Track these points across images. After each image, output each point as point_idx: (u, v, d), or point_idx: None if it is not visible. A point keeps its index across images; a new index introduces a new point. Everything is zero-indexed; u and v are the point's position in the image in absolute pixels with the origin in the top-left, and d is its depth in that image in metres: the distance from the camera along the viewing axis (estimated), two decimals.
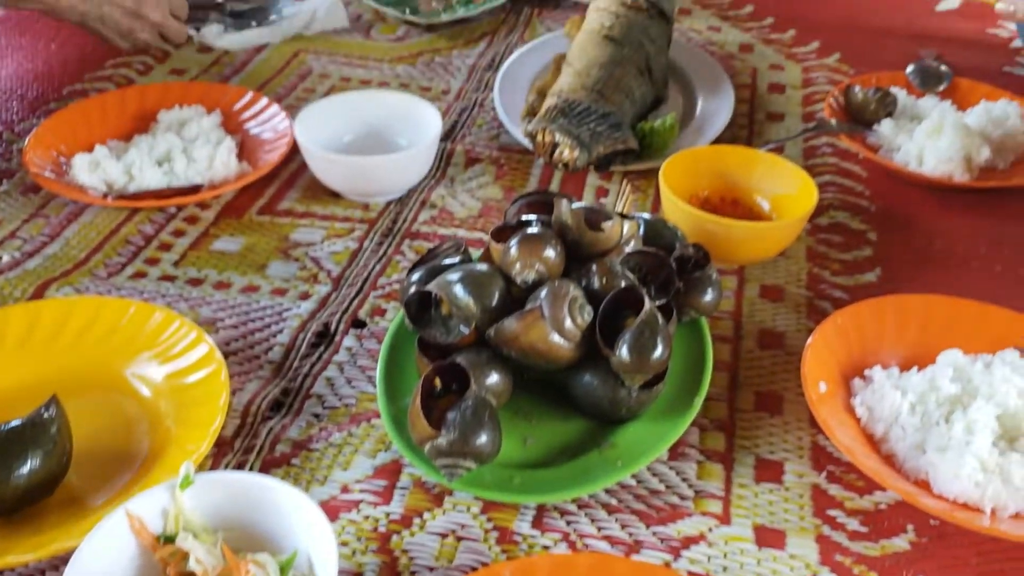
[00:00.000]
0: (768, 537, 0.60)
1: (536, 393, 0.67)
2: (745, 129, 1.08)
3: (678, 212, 0.81)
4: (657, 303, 0.64)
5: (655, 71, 1.05)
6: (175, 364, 0.68)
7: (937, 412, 0.64)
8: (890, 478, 0.60)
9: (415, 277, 0.68)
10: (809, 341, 0.68)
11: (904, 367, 0.69)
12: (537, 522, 0.60)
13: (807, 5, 1.40)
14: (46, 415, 0.58)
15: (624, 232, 0.68)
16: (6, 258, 0.82)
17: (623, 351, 0.60)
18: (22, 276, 0.81)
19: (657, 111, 1.05)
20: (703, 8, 1.39)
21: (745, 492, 0.63)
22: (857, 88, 1.04)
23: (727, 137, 1.05)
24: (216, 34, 1.20)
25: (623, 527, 0.60)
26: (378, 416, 0.67)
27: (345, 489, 0.62)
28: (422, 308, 0.65)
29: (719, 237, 0.80)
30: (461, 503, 0.61)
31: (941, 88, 1.08)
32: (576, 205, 0.68)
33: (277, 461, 0.64)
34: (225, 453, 0.64)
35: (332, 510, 0.61)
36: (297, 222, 0.89)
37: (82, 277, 0.80)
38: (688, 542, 0.60)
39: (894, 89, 1.05)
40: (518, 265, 0.64)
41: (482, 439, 0.56)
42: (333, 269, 0.82)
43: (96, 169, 0.88)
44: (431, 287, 0.63)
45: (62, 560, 0.51)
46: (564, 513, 0.61)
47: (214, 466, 0.64)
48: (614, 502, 0.62)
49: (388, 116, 0.96)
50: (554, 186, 0.96)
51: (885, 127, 1.00)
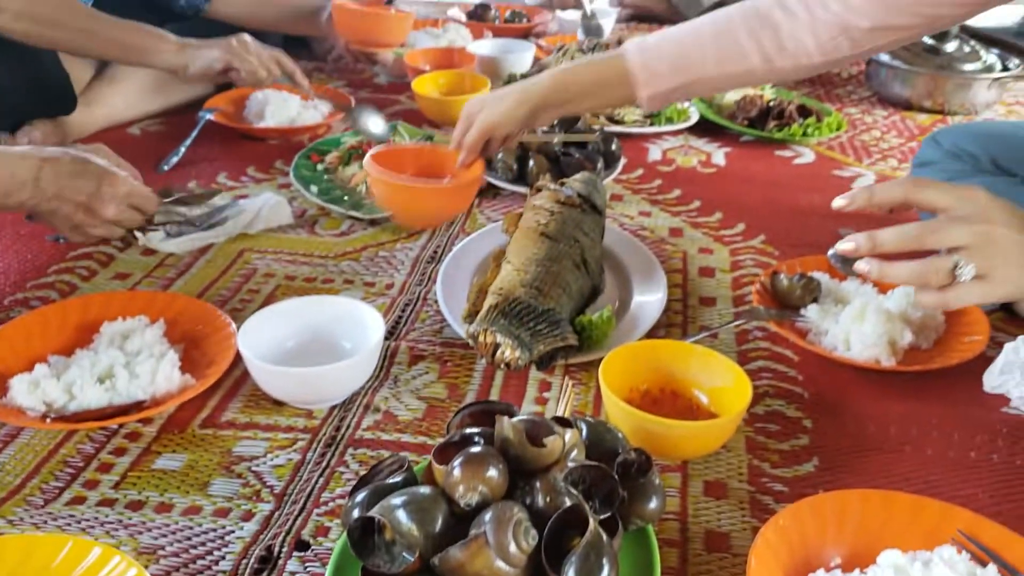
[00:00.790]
0: None
1: None
2: (680, 315, 1.11)
3: (619, 412, 0.83)
4: (601, 517, 0.64)
5: (591, 263, 1.09)
6: None
7: None
8: None
9: (358, 499, 0.67)
10: (753, 545, 0.69)
11: (846, 567, 0.70)
12: None
13: (731, 188, 1.48)
14: None
15: (566, 443, 0.69)
16: None
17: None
18: None
19: (595, 302, 1.08)
20: (634, 193, 1.46)
21: None
22: (783, 275, 1.09)
23: (663, 323, 1.08)
24: (160, 238, 1.22)
25: None
26: None
27: None
28: (365, 533, 0.64)
29: (660, 436, 0.82)
30: None
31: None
32: (518, 419, 0.69)
33: None
34: None
35: None
36: (240, 434, 0.88)
37: (16, 507, 0.79)
38: None
39: (817, 274, 1.11)
40: (461, 488, 0.64)
41: None
42: (276, 484, 0.82)
43: (35, 390, 0.87)
44: (374, 512, 0.63)
45: None
46: None
47: None
48: None
49: (331, 320, 0.98)
50: (497, 382, 0.97)
51: (812, 312, 1.05)
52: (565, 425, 0.71)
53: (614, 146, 1.47)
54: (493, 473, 0.65)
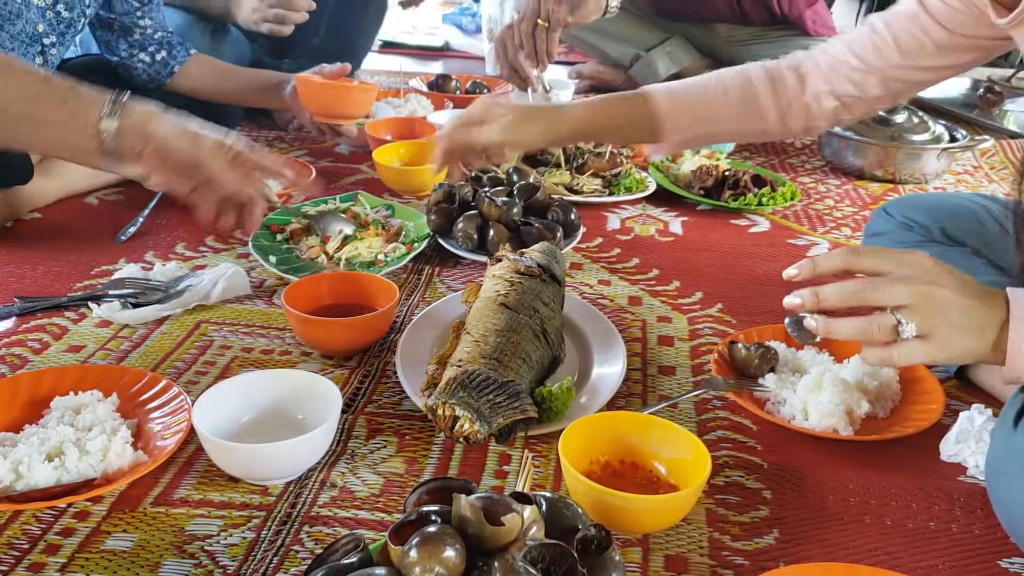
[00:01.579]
0: None
1: None
2: (639, 384, 1.12)
3: (579, 486, 0.83)
4: None
5: (550, 333, 1.09)
6: None
7: None
8: None
9: None
10: None
11: None
12: None
13: (689, 257, 1.50)
14: None
15: (525, 521, 0.68)
16: None
17: None
18: None
19: (555, 372, 1.08)
20: (593, 262, 1.47)
21: None
22: (740, 344, 1.10)
23: (623, 392, 1.09)
24: (115, 309, 1.20)
25: None
26: None
27: None
28: None
29: (621, 510, 0.81)
30: None
31: (817, 340, 1.14)
32: (475, 496, 0.68)
33: None
34: None
35: None
36: (193, 512, 0.86)
37: None
38: None
39: (774, 343, 1.12)
40: (417, 569, 0.63)
41: None
42: (229, 565, 0.80)
43: None
44: None
45: None
46: None
47: None
48: None
49: (287, 394, 0.97)
50: (457, 456, 0.96)
51: (769, 381, 1.05)
52: (524, 501, 0.71)
53: (573, 215, 1.48)
54: (450, 553, 0.64)
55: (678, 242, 1.56)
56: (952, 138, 1.94)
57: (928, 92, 2.49)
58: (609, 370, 1.09)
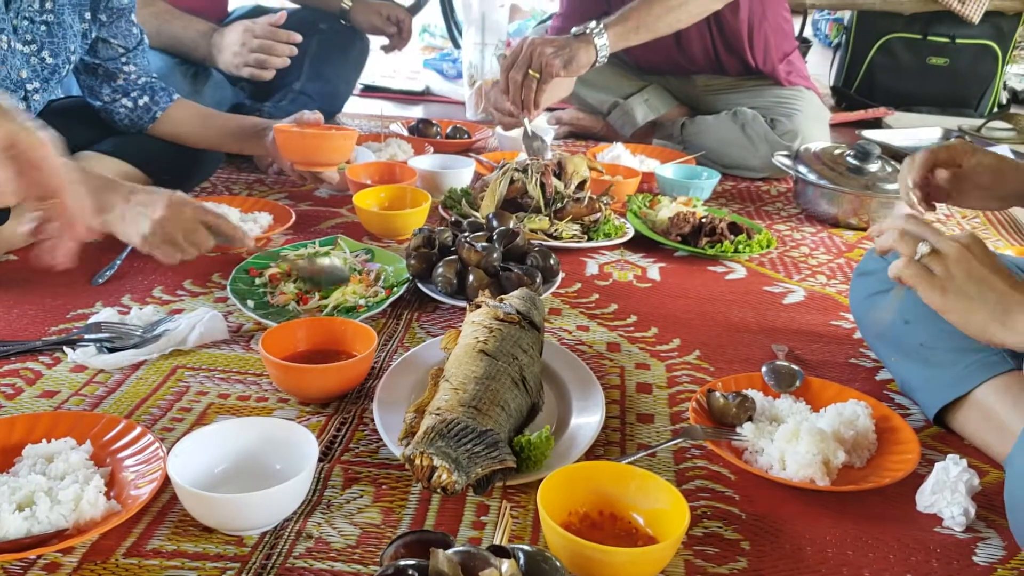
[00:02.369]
0: None
1: None
2: (618, 432, 1.12)
3: (557, 538, 0.82)
4: None
5: (529, 380, 1.09)
6: None
7: None
8: None
9: None
10: None
11: None
12: None
13: (667, 303, 1.51)
14: None
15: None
16: None
17: None
18: None
19: (534, 420, 1.08)
20: (572, 308, 1.47)
21: None
22: (718, 393, 1.10)
23: (602, 440, 1.09)
24: (91, 354, 1.19)
25: None
26: None
27: None
28: None
29: (599, 563, 0.81)
30: None
31: (794, 388, 1.16)
32: (453, 550, 0.68)
33: None
34: None
35: None
36: (166, 563, 0.85)
37: None
38: None
39: (751, 391, 1.12)
40: None
41: None
42: None
43: None
44: None
45: None
46: None
47: None
48: None
49: (263, 442, 0.96)
50: (434, 506, 0.96)
51: (747, 430, 1.06)
52: (502, 555, 0.70)
53: (552, 261, 1.49)
54: None
55: (656, 288, 1.57)
56: None
57: (901, 141, 2.54)
58: (588, 420, 1.08)
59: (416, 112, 2.97)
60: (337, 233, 1.67)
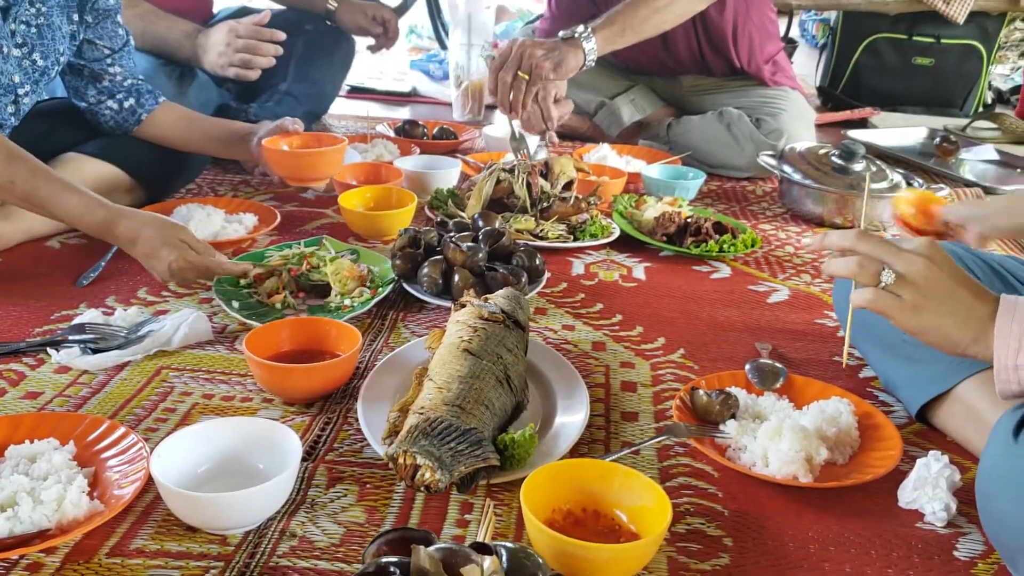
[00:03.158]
0: None
1: None
2: (602, 430, 1.12)
3: (540, 535, 0.83)
4: None
5: (514, 379, 1.09)
6: None
7: None
8: None
9: None
10: None
11: None
12: None
13: (651, 302, 1.51)
14: None
15: (485, 572, 0.68)
16: None
17: None
18: None
19: (518, 418, 1.08)
20: (557, 307, 1.48)
21: None
22: (701, 391, 1.11)
23: (586, 439, 1.09)
24: (75, 355, 1.19)
25: None
26: None
27: None
28: None
29: (582, 559, 0.81)
30: None
31: (777, 386, 1.16)
32: (435, 547, 0.68)
33: None
34: None
35: None
36: (149, 563, 0.85)
37: None
38: None
39: (735, 389, 1.13)
40: None
41: None
42: None
43: None
44: None
45: None
46: None
47: None
48: None
49: (247, 442, 0.96)
50: (418, 505, 0.96)
51: (730, 428, 1.06)
52: (485, 552, 0.70)
53: (538, 261, 1.49)
54: None
55: (641, 288, 1.58)
56: (909, 186, 1.98)
57: (886, 141, 2.55)
58: (572, 418, 1.09)
59: (403, 113, 2.97)
60: (322, 234, 1.67)
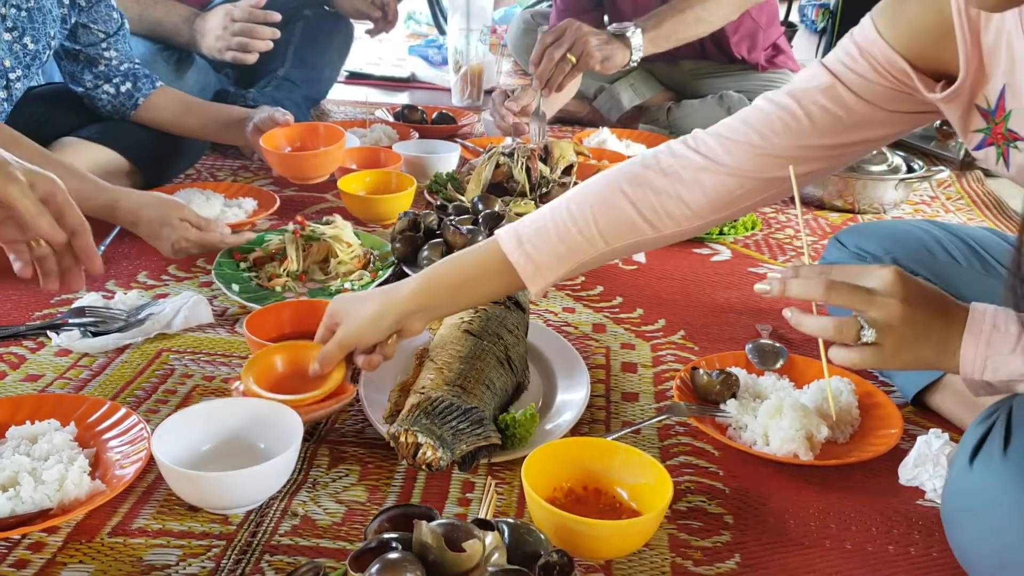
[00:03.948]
0: None
1: None
2: (603, 410, 1.12)
3: (542, 512, 0.83)
4: None
5: (514, 360, 1.09)
6: None
7: None
8: None
9: None
10: None
11: None
12: None
13: (652, 285, 1.51)
14: None
15: (487, 547, 0.68)
16: None
17: None
18: None
19: (519, 399, 1.09)
20: (558, 290, 1.48)
21: None
22: (702, 371, 1.11)
23: (587, 419, 1.09)
24: (75, 338, 1.19)
25: None
26: None
27: None
28: None
29: (583, 535, 0.81)
30: None
31: (778, 366, 1.16)
32: (437, 523, 0.68)
33: None
34: None
35: None
36: (151, 542, 0.85)
37: None
38: None
39: (735, 369, 1.13)
40: None
41: None
42: None
43: None
44: None
45: None
46: None
47: None
48: None
49: (249, 422, 0.96)
50: (420, 484, 0.96)
51: (731, 407, 1.06)
52: (486, 528, 0.71)
53: None
54: None
55: (641, 270, 1.58)
56: (909, 169, 1.98)
57: None
58: (573, 396, 1.09)
59: (402, 99, 2.96)
60: (323, 216, 1.66)
